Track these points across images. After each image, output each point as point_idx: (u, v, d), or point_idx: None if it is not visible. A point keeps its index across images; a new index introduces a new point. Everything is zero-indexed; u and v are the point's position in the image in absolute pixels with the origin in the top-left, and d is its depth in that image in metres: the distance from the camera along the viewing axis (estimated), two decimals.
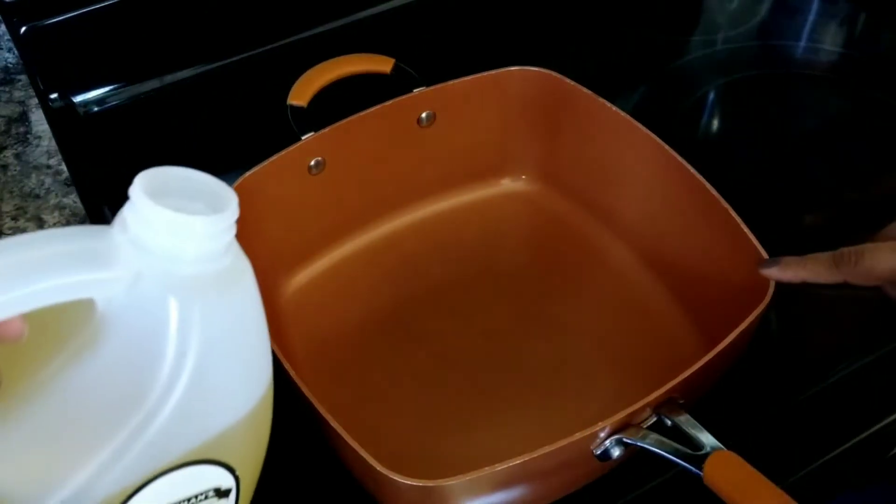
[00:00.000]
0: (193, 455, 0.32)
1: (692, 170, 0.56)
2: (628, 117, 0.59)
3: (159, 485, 0.31)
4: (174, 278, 0.29)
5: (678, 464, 0.44)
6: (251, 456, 0.36)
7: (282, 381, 0.42)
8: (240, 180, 0.54)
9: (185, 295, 0.29)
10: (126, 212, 0.30)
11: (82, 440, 0.30)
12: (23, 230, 0.58)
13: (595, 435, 0.44)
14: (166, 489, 0.32)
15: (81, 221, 0.59)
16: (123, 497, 0.31)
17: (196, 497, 0.33)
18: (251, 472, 0.36)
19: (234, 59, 0.76)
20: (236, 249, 0.32)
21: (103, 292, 0.29)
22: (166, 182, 0.30)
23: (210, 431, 0.32)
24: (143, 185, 0.29)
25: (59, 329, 0.31)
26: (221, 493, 0.34)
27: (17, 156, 0.63)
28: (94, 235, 0.30)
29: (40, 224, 0.58)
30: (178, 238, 0.29)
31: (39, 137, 0.64)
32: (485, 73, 0.62)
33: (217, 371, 0.31)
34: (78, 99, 0.73)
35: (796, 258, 0.50)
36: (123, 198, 0.31)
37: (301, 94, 0.62)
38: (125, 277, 0.29)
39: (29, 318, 0.29)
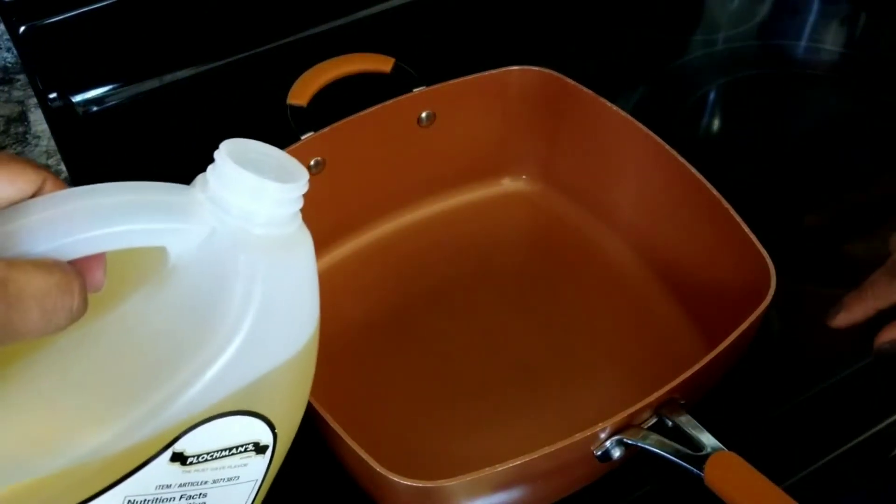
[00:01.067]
0: (241, 403, 0.34)
1: (693, 169, 0.56)
2: (629, 117, 0.59)
3: (205, 430, 0.34)
4: (246, 237, 0.32)
5: (679, 465, 0.44)
6: (289, 417, 0.38)
7: None
8: None
9: (254, 253, 0.32)
10: (208, 173, 0.33)
11: (140, 379, 0.33)
12: None
13: (595, 436, 0.44)
14: (211, 435, 0.34)
15: None
16: (171, 437, 0.33)
17: (237, 448, 0.36)
18: (287, 433, 0.38)
19: (234, 58, 0.76)
20: (300, 222, 0.35)
21: (178, 243, 0.32)
22: (246, 152, 0.33)
23: (257, 380, 0.34)
24: (228, 150, 0.32)
25: (127, 276, 0.33)
26: (260, 448, 0.36)
27: None
28: (176, 191, 0.32)
29: None
30: (254, 200, 0.32)
31: (38, 137, 0.64)
32: (485, 73, 0.62)
33: (271, 325, 0.34)
34: (77, 98, 0.72)
35: (854, 294, 0.49)
36: None
37: (301, 93, 0.62)
38: (200, 231, 0.32)
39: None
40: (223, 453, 0.35)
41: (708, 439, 0.45)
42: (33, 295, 0.28)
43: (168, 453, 0.33)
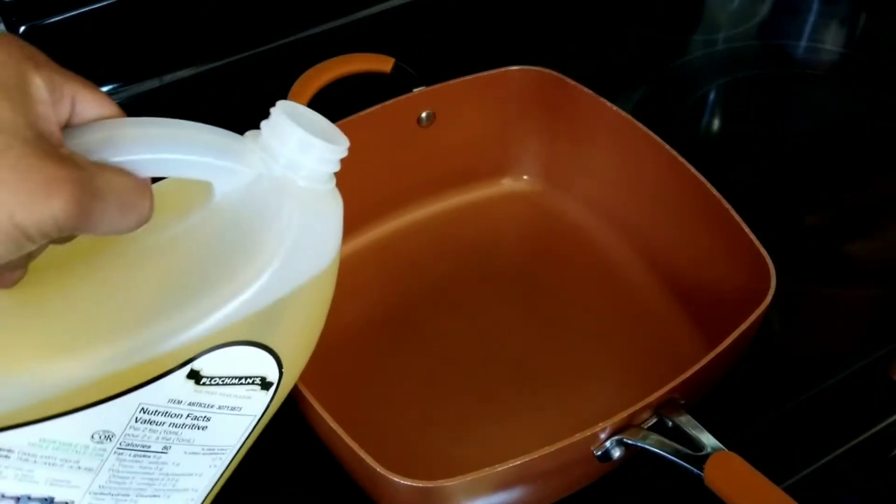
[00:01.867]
0: (256, 334, 0.37)
1: (693, 169, 0.56)
2: (629, 117, 0.59)
3: (222, 355, 0.37)
4: (290, 186, 0.36)
5: (679, 465, 0.44)
6: (295, 360, 0.41)
7: None
8: None
9: (295, 201, 0.36)
10: (262, 126, 0.37)
11: (170, 300, 0.36)
12: None
13: (595, 436, 0.44)
14: (227, 361, 0.37)
15: None
16: (189, 356, 0.36)
17: (246, 378, 0.38)
18: (289, 377, 0.40)
19: (234, 58, 0.76)
20: (334, 185, 0.38)
21: (226, 181, 0.35)
22: (297, 114, 0.37)
23: (274, 315, 0.37)
24: (283, 108, 0.36)
25: (172, 207, 0.36)
26: (265, 384, 0.39)
27: None
28: (232, 136, 0.36)
29: None
30: (301, 154, 0.36)
31: None
32: (484, 73, 0.62)
33: (295, 269, 0.37)
34: None
35: None
36: None
37: (300, 93, 0.62)
38: (248, 174, 0.35)
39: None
40: (233, 381, 0.38)
41: (708, 439, 0.45)
42: (114, 190, 0.31)
43: (186, 369, 0.36)
